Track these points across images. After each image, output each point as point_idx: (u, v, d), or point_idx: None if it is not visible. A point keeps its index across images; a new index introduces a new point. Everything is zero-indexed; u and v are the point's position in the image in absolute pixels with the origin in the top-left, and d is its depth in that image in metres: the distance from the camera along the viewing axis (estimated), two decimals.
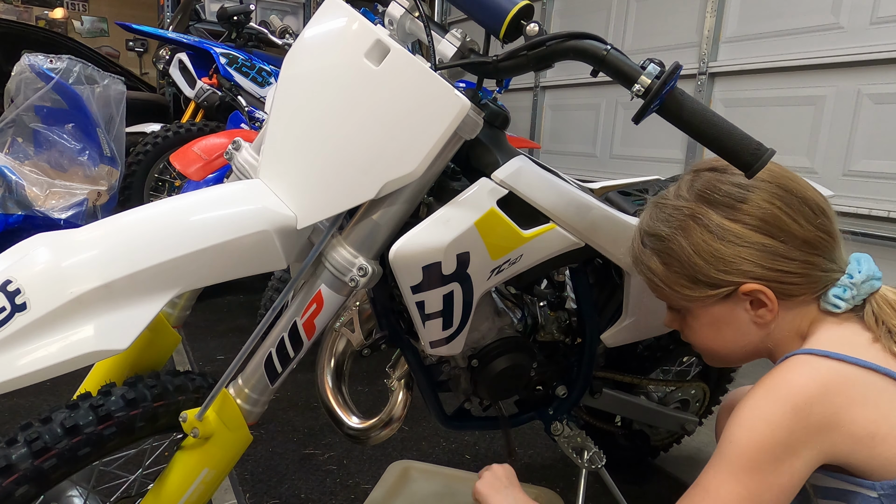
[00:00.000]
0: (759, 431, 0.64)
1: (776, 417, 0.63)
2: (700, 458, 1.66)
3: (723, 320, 0.77)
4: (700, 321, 0.79)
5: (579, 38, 0.72)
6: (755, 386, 0.69)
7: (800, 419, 0.63)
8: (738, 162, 0.68)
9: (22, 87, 2.66)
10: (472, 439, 1.67)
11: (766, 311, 0.73)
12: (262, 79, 3.10)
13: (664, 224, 0.77)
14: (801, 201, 0.72)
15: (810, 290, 0.73)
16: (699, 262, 0.74)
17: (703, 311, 0.77)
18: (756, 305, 0.74)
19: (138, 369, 0.93)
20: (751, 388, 1.02)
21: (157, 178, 2.94)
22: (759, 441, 0.63)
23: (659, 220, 0.78)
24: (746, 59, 2.77)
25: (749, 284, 0.72)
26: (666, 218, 0.77)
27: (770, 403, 0.65)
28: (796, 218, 0.72)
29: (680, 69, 0.68)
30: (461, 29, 0.82)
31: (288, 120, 0.81)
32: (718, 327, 0.78)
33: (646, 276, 0.81)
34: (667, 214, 0.77)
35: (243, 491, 1.39)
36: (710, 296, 0.75)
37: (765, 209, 0.72)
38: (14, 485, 0.66)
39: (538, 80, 4.06)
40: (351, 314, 0.96)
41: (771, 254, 0.71)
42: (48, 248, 0.69)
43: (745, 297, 0.73)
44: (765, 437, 0.63)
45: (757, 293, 0.72)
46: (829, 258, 0.73)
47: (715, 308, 0.76)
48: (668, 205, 0.77)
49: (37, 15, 7.02)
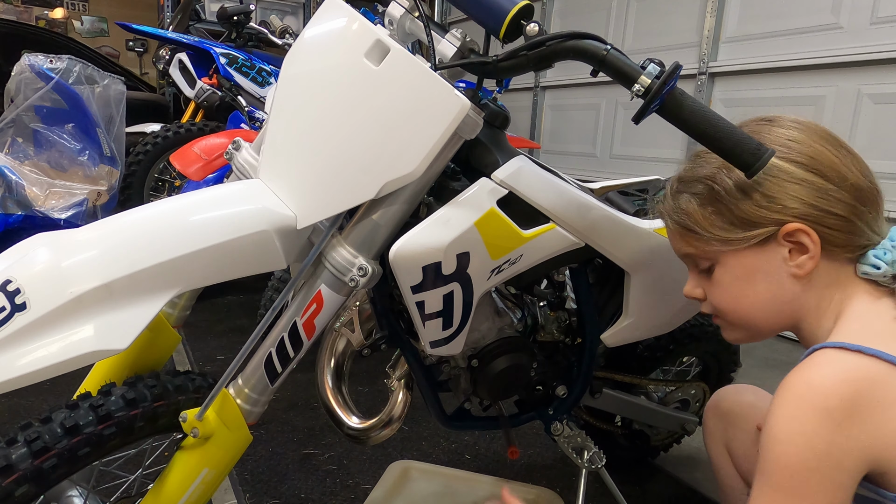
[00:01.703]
0: (798, 445, 0.59)
1: (812, 427, 0.59)
2: (700, 458, 1.66)
3: (757, 270, 0.71)
4: (732, 273, 0.73)
5: (579, 38, 0.72)
6: (782, 387, 0.63)
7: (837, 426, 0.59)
8: (739, 162, 0.68)
9: (22, 87, 2.66)
10: (472, 439, 1.67)
11: (806, 259, 0.68)
12: (262, 79, 3.10)
13: (706, 167, 0.73)
14: (845, 147, 0.70)
15: (851, 243, 0.68)
16: (740, 198, 0.69)
17: (735, 261, 0.72)
18: (796, 253, 0.69)
19: (138, 369, 0.93)
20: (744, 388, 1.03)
21: (157, 178, 2.94)
22: (800, 457, 0.59)
23: (699, 166, 0.75)
24: (746, 59, 2.77)
25: (792, 223, 0.67)
26: (708, 161, 0.74)
27: (803, 412, 0.60)
28: (843, 160, 0.69)
29: (680, 69, 0.68)
30: (461, 29, 0.82)
31: (288, 120, 0.81)
32: (751, 279, 0.72)
33: (679, 222, 0.76)
34: (709, 159, 0.74)
35: (243, 491, 1.39)
36: (749, 237, 0.70)
37: (815, 148, 0.69)
38: (14, 485, 0.66)
39: (538, 80, 4.07)
40: (351, 314, 0.96)
41: (818, 190, 0.67)
42: (48, 248, 0.69)
43: (786, 243, 0.69)
44: (805, 452, 0.59)
45: (800, 234, 0.67)
46: (874, 215, 0.69)
47: (750, 255, 0.71)
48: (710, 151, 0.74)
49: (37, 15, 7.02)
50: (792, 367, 0.76)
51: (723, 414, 1.02)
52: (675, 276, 1.04)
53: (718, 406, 1.04)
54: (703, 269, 0.77)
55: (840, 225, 0.68)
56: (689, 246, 0.77)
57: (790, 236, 0.69)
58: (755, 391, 1.02)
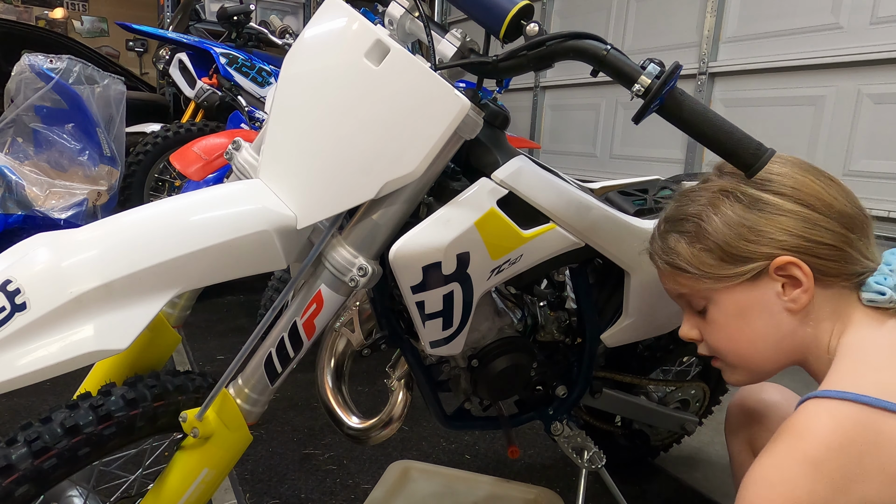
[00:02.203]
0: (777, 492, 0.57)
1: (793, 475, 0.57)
2: (700, 458, 1.66)
3: (752, 307, 0.70)
4: (726, 311, 0.72)
5: (579, 37, 0.72)
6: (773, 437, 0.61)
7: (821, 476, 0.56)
8: (739, 162, 0.68)
9: (22, 87, 2.66)
10: (472, 439, 1.67)
11: (800, 293, 0.67)
12: (262, 79, 3.10)
13: (692, 205, 0.73)
14: (832, 181, 0.70)
15: (845, 272, 0.67)
16: (728, 234, 0.69)
17: (729, 299, 0.71)
18: (789, 287, 0.68)
19: (138, 369, 0.93)
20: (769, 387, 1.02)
21: (157, 178, 2.94)
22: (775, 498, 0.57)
23: (685, 205, 0.74)
24: (746, 59, 2.77)
25: (782, 257, 0.67)
26: (693, 199, 0.73)
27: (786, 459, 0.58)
28: (827, 189, 0.68)
29: (680, 69, 0.68)
30: (461, 29, 0.82)
31: (288, 120, 0.81)
32: (746, 317, 0.71)
33: (669, 262, 0.75)
34: (694, 197, 0.73)
35: (243, 491, 1.39)
36: (740, 273, 0.69)
37: (798, 180, 0.69)
38: (14, 485, 0.66)
39: (538, 80, 4.06)
40: (351, 314, 0.96)
41: (805, 221, 0.67)
42: (48, 248, 0.69)
43: (778, 278, 0.68)
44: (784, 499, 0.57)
45: (791, 267, 0.67)
46: (865, 242, 0.68)
47: (743, 292, 0.70)
48: (695, 190, 0.74)
49: (37, 15, 7.02)
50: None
51: (748, 411, 1.01)
52: None
53: (744, 403, 1.03)
54: (698, 309, 0.76)
55: (831, 254, 0.67)
56: (682, 286, 0.76)
57: (781, 270, 0.68)
58: (781, 390, 1.00)
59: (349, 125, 0.76)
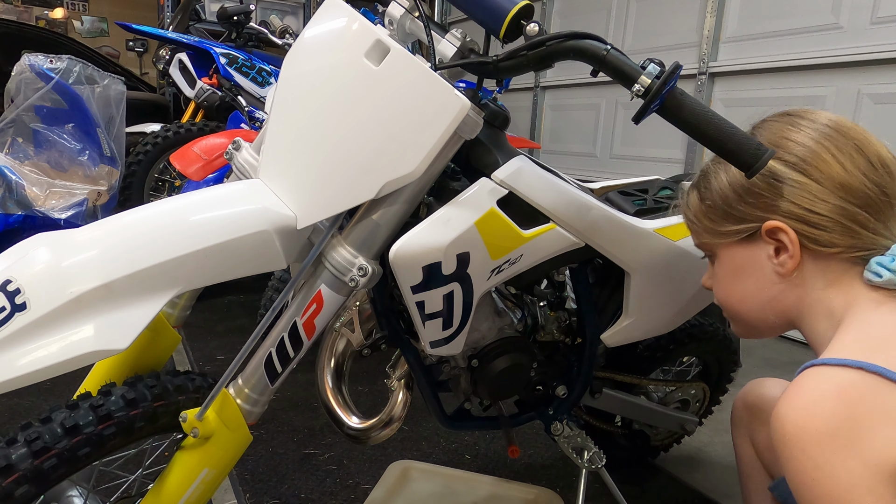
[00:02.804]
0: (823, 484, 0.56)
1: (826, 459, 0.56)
2: (700, 458, 1.66)
3: (745, 266, 0.74)
4: (724, 268, 0.77)
5: (579, 38, 0.72)
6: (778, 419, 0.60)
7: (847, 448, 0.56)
8: (739, 162, 0.68)
9: (22, 87, 2.66)
10: (472, 439, 1.67)
11: (786, 258, 0.70)
12: (262, 79, 3.10)
13: (712, 161, 0.77)
14: (858, 148, 0.69)
15: (845, 245, 0.68)
16: (730, 194, 0.73)
17: (727, 255, 0.76)
18: (781, 252, 0.71)
19: (138, 369, 0.93)
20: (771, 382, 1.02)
21: (157, 178, 2.94)
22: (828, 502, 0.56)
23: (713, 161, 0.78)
24: (746, 59, 2.77)
25: (771, 221, 0.69)
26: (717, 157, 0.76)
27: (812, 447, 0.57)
28: (841, 160, 0.68)
29: (680, 69, 0.68)
30: (461, 29, 0.82)
31: (288, 120, 0.81)
32: (740, 274, 0.75)
33: (685, 215, 0.81)
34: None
35: (243, 491, 1.39)
36: (735, 231, 0.73)
37: (806, 146, 0.70)
38: (14, 485, 0.66)
39: (538, 80, 4.07)
40: (351, 314, 0.96)
41: (803, 190, 0.68)
42: (48, 248, 0.69)
43: (769, 242, 0.71)
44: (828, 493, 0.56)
45: (778, 232, 0.69)
46: (879, 218, 0.68)
47: (739, 251, 0.74)
48: None
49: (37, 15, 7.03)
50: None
51: (749, 405, 1.03)
52: (675, 277, 1.04)
53: (745, 397, 1.04)
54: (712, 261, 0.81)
55: (827, 225, 0.68)
56: (695, 237, 0.81)
57: (771, 234, 0.70)
58: (783, 385, 1.01)
59: (349, 125, 0.76)
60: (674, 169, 3.17)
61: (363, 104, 0.76)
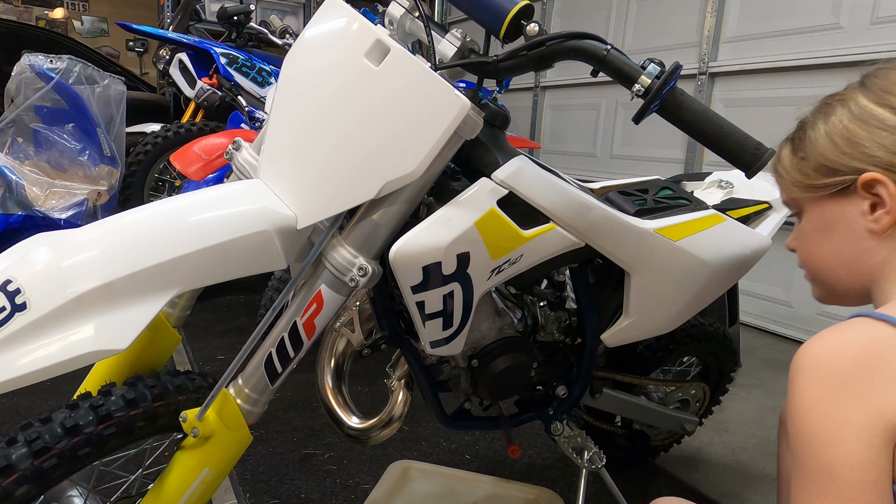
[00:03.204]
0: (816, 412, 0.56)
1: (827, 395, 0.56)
2: (700, 458, 1.66)
3: (835, 222, 0.70)
4: (812, 223, 0.72)
5: (579, 37, 0.72)
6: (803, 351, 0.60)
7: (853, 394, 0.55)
8: (739, 162, 0.68)
9: (22, 87, 2.66)
10: (472, 439, 1.67)
11: (883, 214, 0.65)
12: (262, 79, 3.10)
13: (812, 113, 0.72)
14: None
15: None
16: (827, 144, 0.68)
17: (816, 210, 0.71)
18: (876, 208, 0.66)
19: (138, 369, 0.93)
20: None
21: (157, 178, 2.94)
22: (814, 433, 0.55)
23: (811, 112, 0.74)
24: (746, 59, 2.77)
25: (869, 173, 0.64)
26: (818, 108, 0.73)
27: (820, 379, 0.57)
28: None
29: (680, 69, 0.68)
30: (461, 29, 0.82)
31: (288, 120, 0.81)
32: (828, 231, 0.71)
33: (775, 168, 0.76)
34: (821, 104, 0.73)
35: (243, 491, 1.39)
36: (828, 184, 0.68)
37: None
38: (14, 485, 0.66)
39: (538, 80, 4.07)
40: (351, 314, 0.96)
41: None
42: (48, 248, 0.69)
43: (865, 196, 0.66)
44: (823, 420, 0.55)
45: (876, 184, 0.64)
46: None
47: (830, 205, 0.69)
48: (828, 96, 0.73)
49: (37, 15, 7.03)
50: None
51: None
52: (675, 277, 1.04)
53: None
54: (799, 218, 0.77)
55: None
56: (784, 192, 0.77)
57: (868, 187, 0.66)
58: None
59: (349, 125, 0.76)
60: (674, 169, 3.17)
61: (363, 104, 0.76)
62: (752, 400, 2.07)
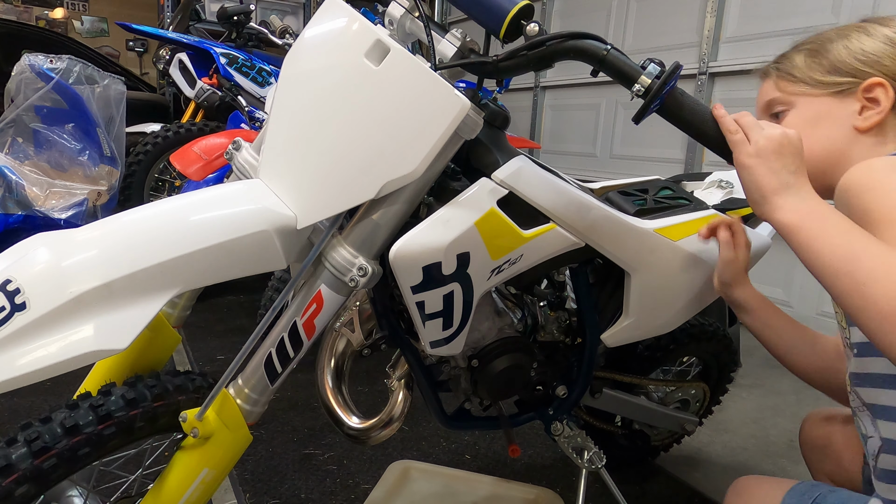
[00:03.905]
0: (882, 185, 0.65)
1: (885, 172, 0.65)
2: (700, 458, 1.66)
3: (826, 117, 0.79)
4: (803, 116, 0.81)
5: (579, 37, 0.72)
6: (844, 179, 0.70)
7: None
8: None
9: (22, 87, 2.66)
10: (472, 439, 1.67)
11: (874, 114, 0.76)
12: (262, 79, 3.10)
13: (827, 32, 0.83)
14: None
15: None
16: (845, 54, 0.78)
17: (809, 105, 0.81)
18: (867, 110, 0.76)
19: (138, 369, 0.93)
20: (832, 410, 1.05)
21: (157, 178, 2.94)
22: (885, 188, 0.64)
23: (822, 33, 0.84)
24: (746, 59, 2.77)
25: (875, 78, 0.75)
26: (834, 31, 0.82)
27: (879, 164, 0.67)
28: None
29: (680, 69, 0.68)
30: (461, 29, 0.82)
31: (288, 120, 0.81)
32: (817, 124, 0.80)
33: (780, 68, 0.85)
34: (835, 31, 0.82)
35: (243, 491, 1.39)
36: (835, 83, 0.78)
37: None
38: (14, 484, 0.66)
39: (538, 80, 4.07)
40: (351, 314, 0.96)
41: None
42: (48, 248, 0.69)
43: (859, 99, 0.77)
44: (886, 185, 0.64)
45: (877, 88, 0.75)
46: None
47: (825, 102, 0.79)
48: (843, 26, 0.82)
49: (37, 15, 7.03)
50: None
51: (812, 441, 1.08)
52: (675, 276, 1.04)
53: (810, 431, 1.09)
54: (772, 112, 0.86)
55: None
56: (777, 90, 0.85)
57: (868, 91, 0.76)
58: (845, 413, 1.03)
59: (349, 125, 0.76)
60: (674, 169, 3.17)
61: (363, 104, 0.76)
62: (752, 400, 2.07)
